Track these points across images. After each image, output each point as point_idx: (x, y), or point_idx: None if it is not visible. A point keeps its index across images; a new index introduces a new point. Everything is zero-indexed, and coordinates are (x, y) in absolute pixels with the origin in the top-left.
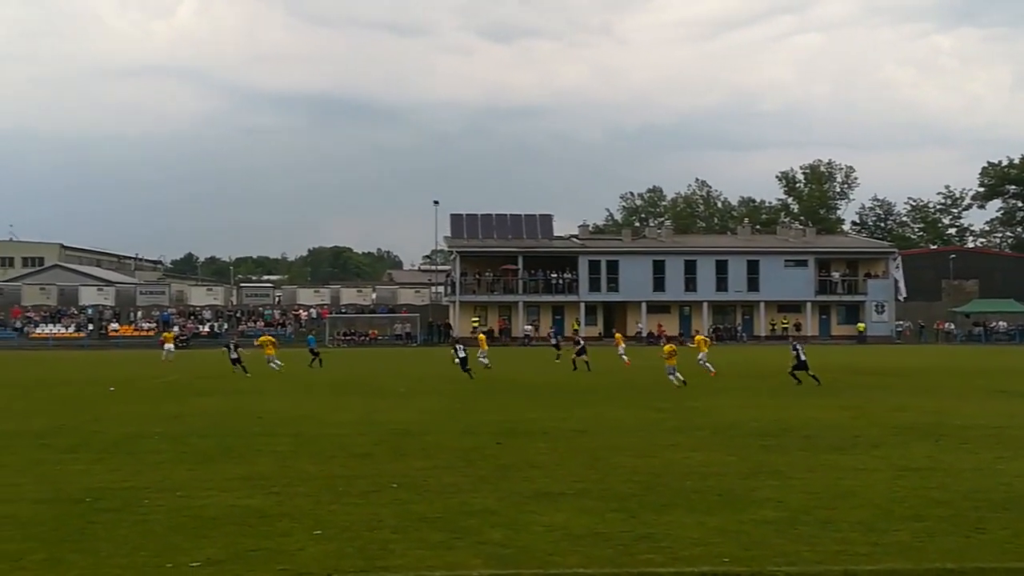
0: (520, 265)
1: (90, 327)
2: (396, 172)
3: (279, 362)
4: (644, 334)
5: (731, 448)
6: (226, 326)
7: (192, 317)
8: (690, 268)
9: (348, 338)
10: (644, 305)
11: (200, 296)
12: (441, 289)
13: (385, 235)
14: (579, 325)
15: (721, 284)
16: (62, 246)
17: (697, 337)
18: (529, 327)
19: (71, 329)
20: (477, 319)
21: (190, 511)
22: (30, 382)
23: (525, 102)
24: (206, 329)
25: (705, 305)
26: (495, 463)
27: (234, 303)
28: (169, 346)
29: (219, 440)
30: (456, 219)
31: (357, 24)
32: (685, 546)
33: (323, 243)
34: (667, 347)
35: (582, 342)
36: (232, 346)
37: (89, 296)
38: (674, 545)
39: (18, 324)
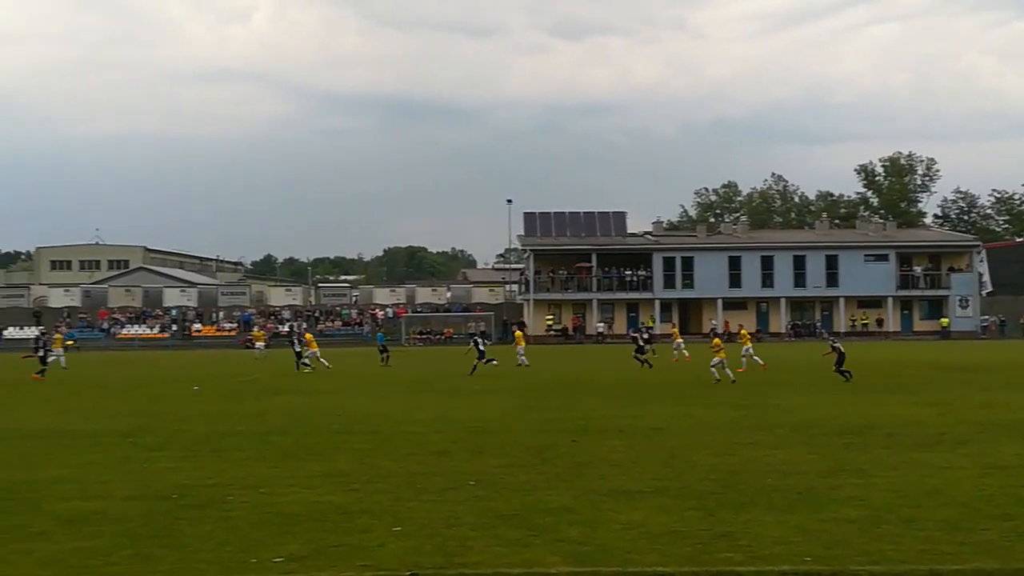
0: (594, 263)
1: (174, 328)
2: (469, 172)
3: (323, 361)
4: (720, 331)
5: (812, 446)
6: (304, 325)
7: (272, 317)
8: (767, 264)
9: (423, 337)
10: (720, 302)
11: (279, 297)
12: (515, 287)
13: (458, 234)
14: (654, 323)
15: (799, 280)
16: (146, 249)
17: (742, 332)
18: (602, 324)
19: (155, 330)
20: (551, 317)
21: (273, 507)
22: (117, 382)
23: (597, 99)
24: (285, 329)
25: (783, 301)
26: (570, 461)
27: (312, 303)
28: (260, 344)
29: (299, 438)
30: (529, 217)
31: (428, 25)
32: (765, 545)
33: (398, 243)
34: (715, 340)
35: (642, 340)
36: (296, 341)
37: (173, 297)
38: (754, 544)
39: (105, 325)
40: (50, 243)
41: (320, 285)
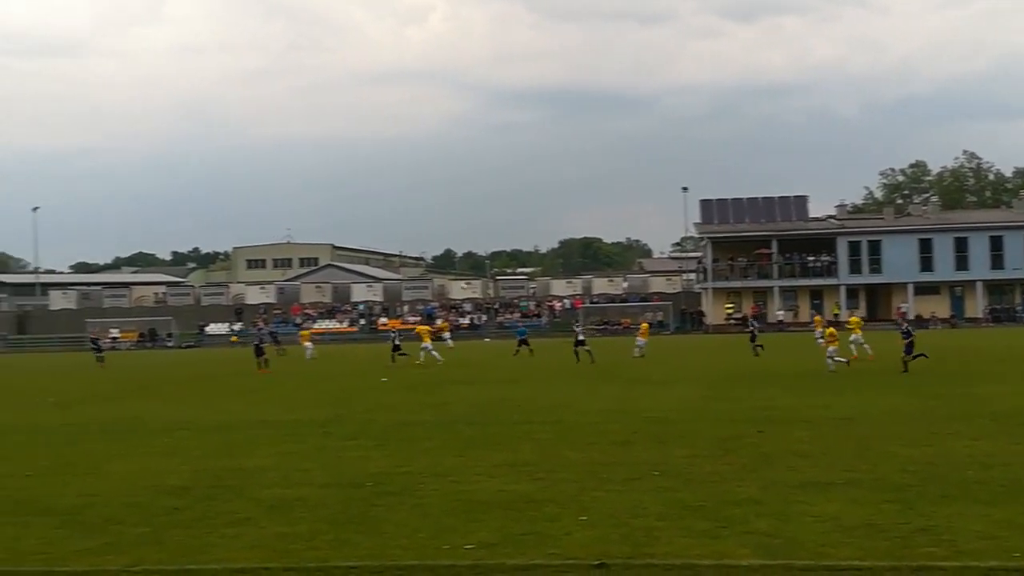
0: (774, 249)
1: (362, 322)
2: (642, 161)
3: (436, 354)
4: (911, 317)
5: (1016, 436)
6: (484, 318)
7: (453, 310)
8: (961, 246)
9: (601, 327)
10: (911, 287)
11: (459, 290)
12: (692, 276)
13: (633, 224)
14: (839, 310)
15: (996, 261)
16: (334, 247)
17: (852, 319)
18: (782, 312)
19: (345, 324)
20: (731, 305)
21: (462, 495)
22: (311, 374)
23: (773, 81)
24: (466, 322)
25: (979, 285)
26: (757, 451)
27: (491, 295)
28: (447, 334)
29: (483, 428)
30: (706, 204)
31: (599, 16)
32: (969, 539)
33: (573, 234)
34: (828, 330)
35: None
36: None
37: (360, 293)
38: (957, 538)
39: (298, 320)
40: (246, 243)
41: (498, 278)
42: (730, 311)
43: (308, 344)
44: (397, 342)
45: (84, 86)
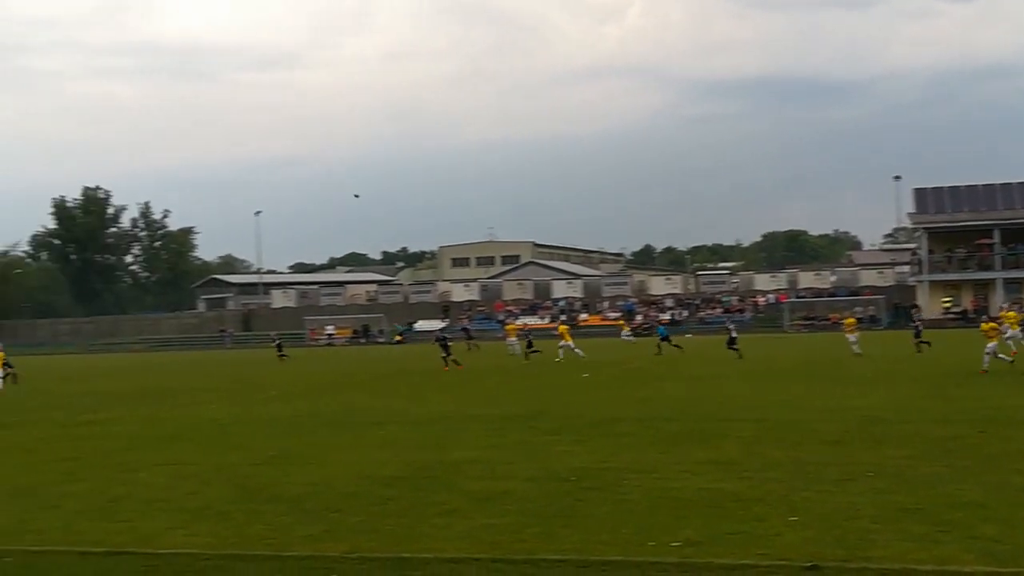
0: (996, 239)
1: (562, 317)
2: (849, 150)
3: (579, 351)
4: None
5: None
6: (685, 313)
7: (653, 306)
8: None
9: (808, 323)
10: None
11: (660, 285)
12: (906, 269)
13: (841, 215)
14: None
15: None
16: (534, 244)
17: (1009, 313)
18: (1006, 305)
19: (546, 320)
20: (949, 299)
21: (666, 492)
22: (513, 369)
23: (993, 61)
24: (667, 317)
25: None
26: (979, 453)
27: (692, 291)
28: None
29: (685, 424)
30: (920, 193)
31: (802, 3)
32: None
33: (777, 227)
34: (988, 324)
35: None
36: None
37: (560, 289)
38: None
39: (501, 317)
40: (451, 242)
41: (699, 273)
42: (948, 305)
43: (512, 339)
44: (530, 339)
45: (299, 96)
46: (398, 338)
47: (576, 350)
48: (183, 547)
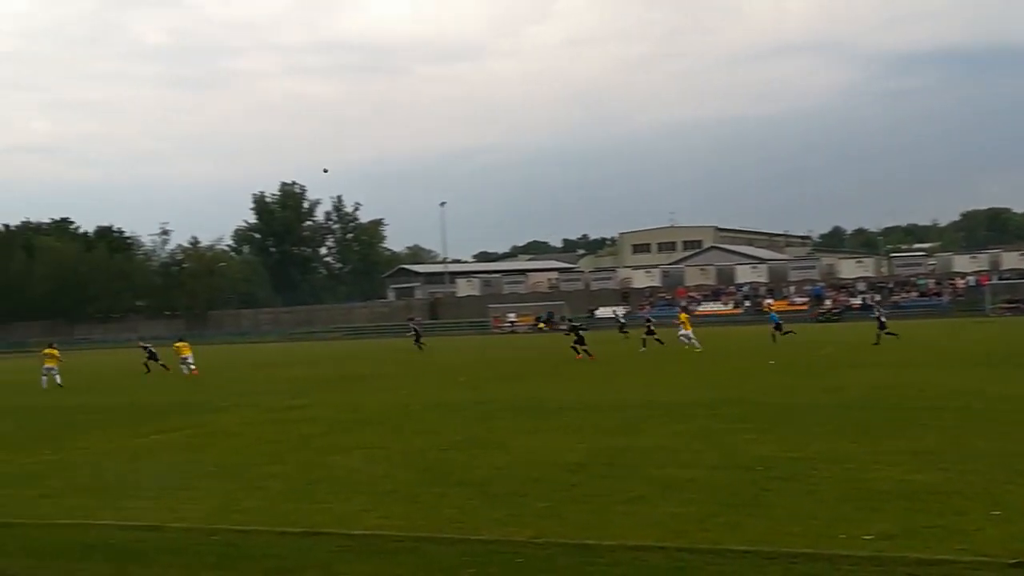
0: None
1: (746, 303)
2: None
3: (695, 341)
4: None
5: None
6: (877, 297)
7: (842, 290)
8: None
9: (1012, 306)
10: None
11: (850, 269)
12: None
13: None
14: None
15: None
16: (716, 228)
17: None
18: None
19: (729, 306)
20: None
21: (858, 483)
22: (692, 357)
23: None
24: (857, 302)
25: None
26: None
27: (884, 274)
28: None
29: (880, 413)
30: None
31: None
32: None
33: (976, 205)
34: None
35: None
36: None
37: (744, 274)
38: None
39: (682, 303)
40: (631, 228)
41: (893, 255)
42: None
43: (686, 332)
44: (652, 327)
45: (482, 86)
46: (541, 326)
47: (694, 341)
48: (376, 528)
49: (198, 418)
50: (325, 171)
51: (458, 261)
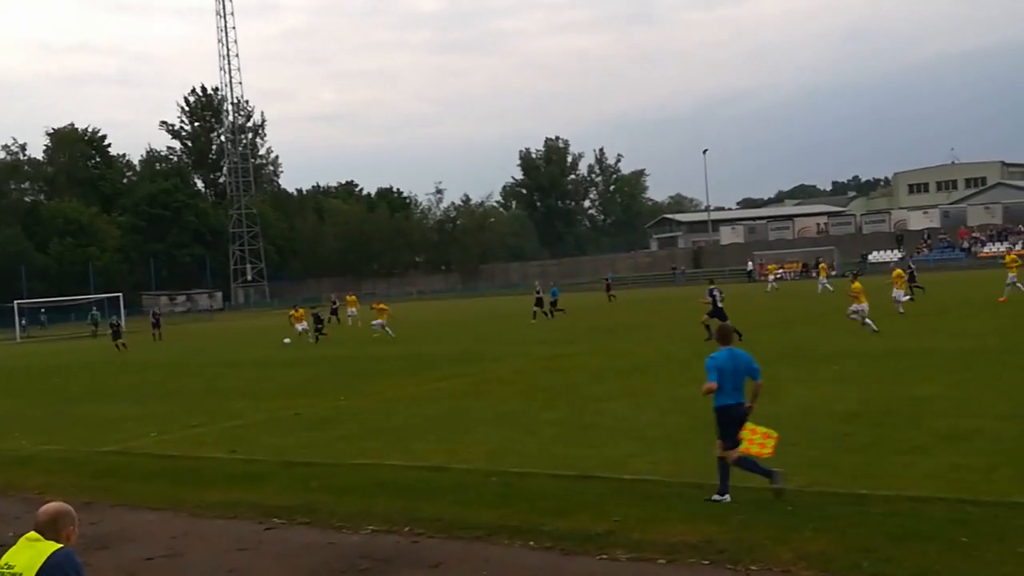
0: None
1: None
2: None
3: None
4: None
5: None
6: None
7: None
8: None
9: None
10: None
11: None
12: None
13: None
14: None
15: None
16: (1003, 164)
17: None
18: None
19: (1018, 247)
20: None
21: None
22: (980, 301)
23: None
24: None
25: None
26: None
27: None
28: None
29: None
30: None
31: None
32: None
33: None
34: None
35: None
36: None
37: None
38: None
39: (965, 244)
40: (906, 167)
41: None
42: None
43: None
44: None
45: (745, 29)
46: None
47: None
48: (646, 473)
49: (475, 366)
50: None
51: (721, 208)
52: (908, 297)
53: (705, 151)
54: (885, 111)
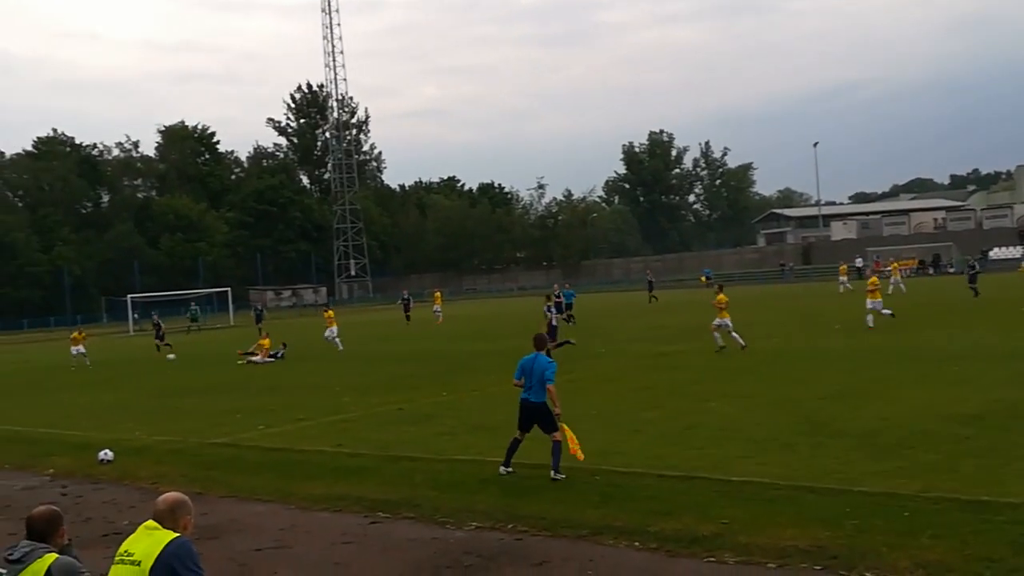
0: None
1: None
2: None
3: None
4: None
5: None
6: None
7: None
8: None
9: None
10: None
11: None
12: None
13: None
14: None
15: None
16: None
17: None
18: None
19: None
20: None
21: None
22: None
23: None
24: None
25: None
26: None
27: None
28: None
29: None
30: None
31: None
32: None
33: None
34: None
35: None
36: None
37: None
38: None
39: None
40: None
41: None
42: None
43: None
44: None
45: (855, 19)
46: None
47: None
48: (753, 475)
49: (577, 364)
50: None
51: (832, 203)
52: (888, 312)
53: (815, 144)
54: (1007, 101)
